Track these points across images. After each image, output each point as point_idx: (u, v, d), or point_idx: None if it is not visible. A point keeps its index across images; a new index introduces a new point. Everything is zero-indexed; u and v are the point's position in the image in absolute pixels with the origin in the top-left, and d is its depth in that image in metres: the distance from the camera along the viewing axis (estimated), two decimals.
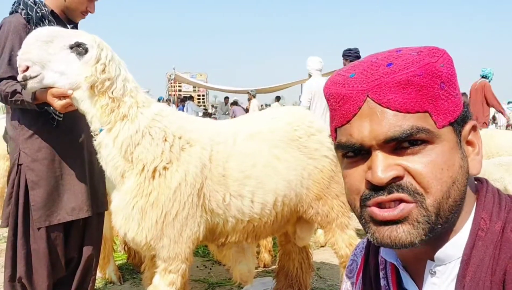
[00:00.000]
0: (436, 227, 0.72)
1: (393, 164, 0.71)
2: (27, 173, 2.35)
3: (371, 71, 0.73)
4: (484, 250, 0.72)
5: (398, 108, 0.70)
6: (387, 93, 0.71)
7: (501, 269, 0.70)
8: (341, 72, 0.79)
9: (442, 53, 0.75)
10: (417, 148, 0.71)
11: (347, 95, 0.74)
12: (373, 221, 0.73)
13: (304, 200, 2.38)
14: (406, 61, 0.72)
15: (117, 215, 2.09)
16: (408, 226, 0.71)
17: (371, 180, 0.71)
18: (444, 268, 0.76)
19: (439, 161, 0.70)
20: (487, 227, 0.74)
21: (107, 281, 3.57)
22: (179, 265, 2.10)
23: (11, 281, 2.39)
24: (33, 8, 2.35)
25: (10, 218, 2.37)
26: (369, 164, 0.73)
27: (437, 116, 0.71)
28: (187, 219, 2.05)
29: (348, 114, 0.74)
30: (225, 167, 2.15)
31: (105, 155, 2.04)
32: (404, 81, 0.70)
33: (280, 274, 2.99)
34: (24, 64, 1.94)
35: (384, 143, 0.71)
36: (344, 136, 0.75)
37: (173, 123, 2.11)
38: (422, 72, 0.71)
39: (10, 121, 2.44)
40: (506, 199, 0.78)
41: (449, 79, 0.74)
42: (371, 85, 0.72)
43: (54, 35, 1.97)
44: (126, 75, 2.07)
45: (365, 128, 0.72)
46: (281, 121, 2.43)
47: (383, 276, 0.86)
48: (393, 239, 0.71)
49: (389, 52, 0.76)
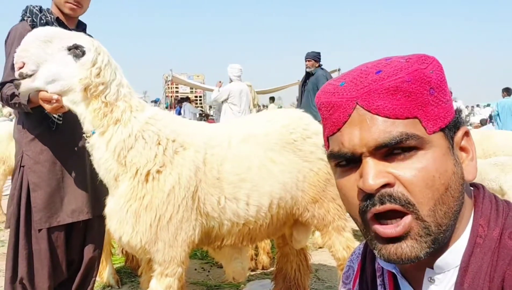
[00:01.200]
0: (438, 237, 0.71)
1: (384, 171, 0.71)
2: (29, 175, 2.37)
3: (360, 79, 0.73)
4: (482, 257, 0.72)
5: (387, 115, 0.70)
6: (376, 100, 0.71)
7: (499, 276, 0.70)
8: (332, 81, 0.80)
9: (431, 60, 0.75)
10: (408, 154, 0.71)
11: (337, 103, 0.74)
12: (378, 239, 0.73)
13: (300, 203, 2.38)
14: (395, 68, 0.72)
15: (111, 219, 2.09)
16: (412, 241, 0.71)
17: (362, 187, 0.71)
18: (443, 276, 0.76)
19: (430, 168, 0.70)
20: (485, 234, 0.74)
21: (105, 284, 3.56)
22: (175, 268, 2.10)
23: (12, 282, 2.39)
24: (38, 15, 2.39)
25: (12, 219, 2.38)
26: (360, 171, 0.73)
27: (427, 122, 0.71)
28: (182, 223, 2.05)
29: (339, 122, 0.74)
30: (220, 170, 2.15)
31: (97, 158, 2.04)
32: (392, 87, 0.70)
33: (278, 276, 2.98)
34: (20, 60, 1.94)
35: (374, 150, 0.71)
36: (336, 145, 0.76)
37: (166, 126, 2.11)
38: (411, 78, 0.71)
39: (16, 124, 2.50)
40: (503, 205, 0.78)
41: (439, 85, 0.73)
42: (360, 92, 0.72)
43: (54, 36, 1.97)
44: (121, 80, 2.06)
45: (356, 136, 0.72)
46: (276, 124, 2.42)
47: (381, 283, 0.86)
48: (399, 255, 0.71)
49: (379, 61, 0.77)
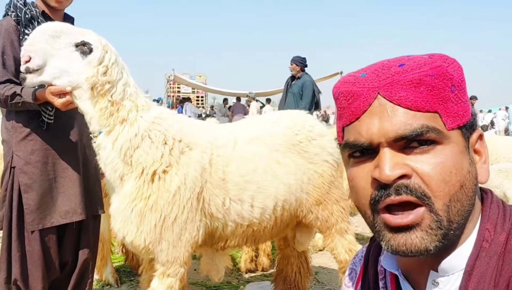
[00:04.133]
0: (449, 233, 0.71)
1: (401, 162, 0.70)
2: (19, 176, 2.33)
3: (382, 71, 0.74)
4: (487, 261, 0.71)
5: (409, 106, 0.70)
6: (398, 91, 0.71)
7: (504, 281, 0.69)
8: (352, 73, 0.80)
9: (453, 60, 0.76)
10: (426, 148, 0.70)
11: (357, 92, 0.74)
12: (388, 229, 0.72)
13: (304, 204, 2.37)
14: (418, 63, 0.73)
15: (116, 218, 2.08)
16: (422, 232, 0.70)
17: (378, 178, 0.71)
18: (447, 279, 0.75)
19: (447, 163, 0.70)
20: (491, 238, 0.73)
21: (104, 283, 3.55)
22: (178, 269, 2.09)
23: (7, 283, 2.37)
24: (22, 9, 2.32)
25: (4, 221, 2.35)
26: (376, 162, 0.72)
27: (447, 118, 0.71)
28: (186, 223, 2.04)
29: (358, 111, 0.74)
30: (225, 171, 2.14)
31: (104, 157, 2.03)
32: (416, 80, 0.71)
33: (279, 278, 2.98)
34: (27, 54, 1.92)
35: (393, 141, 0.71)
36: (352, 135, 0.75)
37: (172, 126, 2.10)
38: (434, 73, 0.71)
39: (3, 123, 2.43)
40: (511, 210, 0.78)
41: (460, 84, 0.74)
42: (382, 83, 0.72)
43: (62, 31, 1.95)
44: (127, 80, 2.05)
45: (374, 125, 0.72)
46: (281, 125, 2.42)
47: (383, 286, 0.85)
48: (408, 246, 0.70)
49: (400, 57, 0.77)
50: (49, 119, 2.34)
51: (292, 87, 7.01)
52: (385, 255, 0.84)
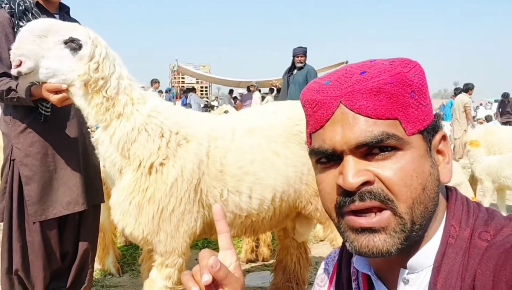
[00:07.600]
0: (411, 235, 0.73)
1: (363, 169, 0.72)
2: (20, 168, 2.34)
3: (345, 79, 0.75)
4: (454, 257, 0.73)
5: (369, 114, 0.72)
6: (359, 99, 0.72)
7: (470, 275, 0.71)
8: (317, 80, 0.82)
9: (414, 64, 0.77)
10: (387, 154, 0.72)
11: (321, 101, 0.76)
12: (351, 230, 0.74)
13: (303, 195, 2.37)
14: (379, 70, 0.74)
15: (115, 210, 2.09)
16: (385, 235, 0.72)
17: (342, 185, 0.73)
18: (416, 276, 0.77)
19: (408, 168, 0.72)
20: (456, 234, 0.76)
21: (106, 272, 3.59)
22: (176, 259, 2.11)
23: (8, 274, 2.40)
24: (16, 1, 2.31)
25: (4, 212, 2.37)
26: (340, 169, 0.74)
27: (407, 124, 0.73)
28: (184, 215, 2.05)
29: (322, 119, 0.76)
30: (223, 162, 2.14)
31: (102, 152, 2.04)
32: (375, 88, 0.72)
33: (278, 268, 3.00)
34: (17, 59, 1.88)
35: (355, 148, 0.73)
36: (317, 142, 0.77)
37: (169, 118, 2.09)
38: (393, 80, 0.73)
39: (2, 117, 2.43)
40: (474, 206, 0.80)
41: (420, 89, 0.75)
42: (344, 92, 0.74)
43: (49, 29, 1.92)
44: (120, 72, 2.03)
45: (337, 133, 0.74)
46: (281, 115, 2.41)
47: (356, 287, 0.87)
48: (370, 247, 0.72)
49: (363, 62, 0.79)
50: (46, 111, 2.34)
51: (295, 77, 7.00)
52: (357, 257, 0.86)
